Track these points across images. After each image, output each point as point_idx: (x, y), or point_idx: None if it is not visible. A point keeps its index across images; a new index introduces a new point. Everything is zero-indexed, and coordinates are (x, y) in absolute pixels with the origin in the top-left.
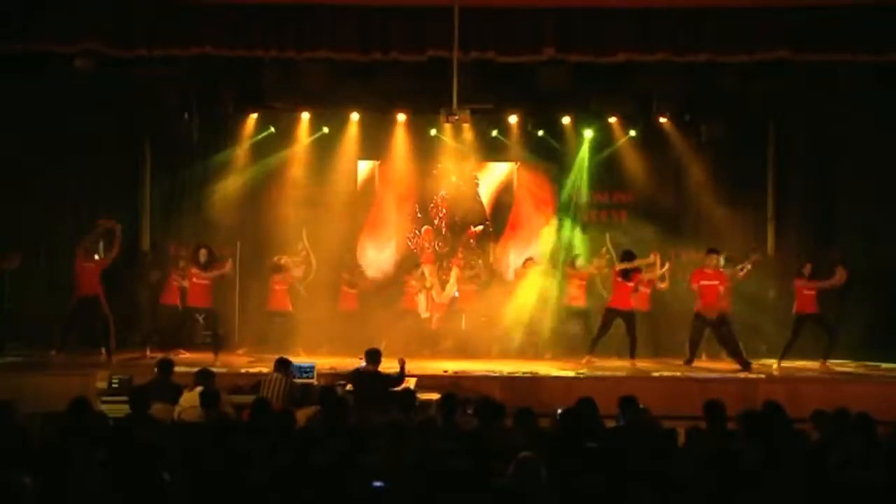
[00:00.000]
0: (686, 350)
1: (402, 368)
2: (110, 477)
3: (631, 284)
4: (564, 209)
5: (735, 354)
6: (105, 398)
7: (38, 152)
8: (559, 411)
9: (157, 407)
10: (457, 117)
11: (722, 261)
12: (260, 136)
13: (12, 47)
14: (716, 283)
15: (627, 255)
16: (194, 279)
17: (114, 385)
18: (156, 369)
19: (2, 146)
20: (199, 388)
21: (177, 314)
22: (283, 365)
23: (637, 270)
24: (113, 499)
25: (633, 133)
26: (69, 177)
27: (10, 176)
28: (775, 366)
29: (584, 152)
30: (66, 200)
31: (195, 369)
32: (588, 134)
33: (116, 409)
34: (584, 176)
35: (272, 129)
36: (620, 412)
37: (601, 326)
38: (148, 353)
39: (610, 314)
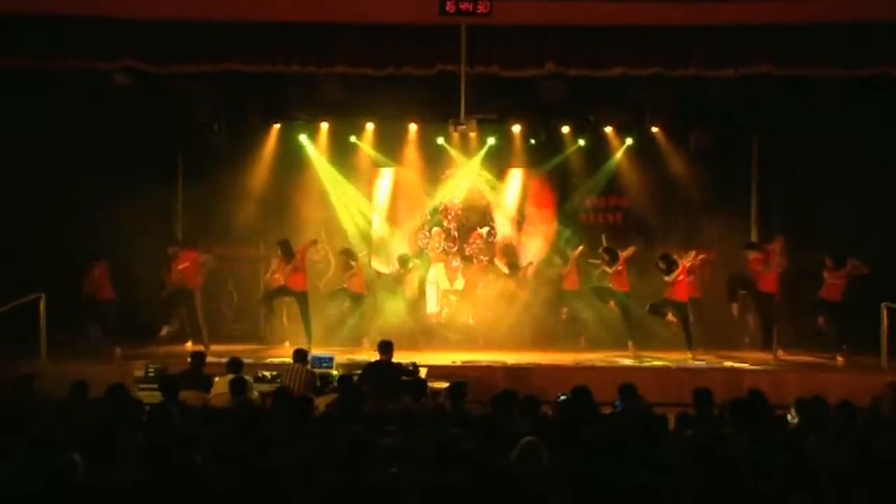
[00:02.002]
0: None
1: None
2: (147, 457)
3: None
4: (564, 212)
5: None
6: (142, 385)
7: (80, 159)
8: (560, 398)
9: (189, 394)
10: (464, 126)
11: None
12: (290, 145)
13: (57, 64)
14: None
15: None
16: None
17: (150, 373)
18: (189, 360)
19: (47, 153)
20: (230, 376)
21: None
22: (300, 356)
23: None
24: (149, 478)
25: (629, 141)
26: (107, 182)
27: (53, 178)
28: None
29: (573, 159)
30: (104, 203)
31: (224, 360)
32: (580, 142)
33: (152, 395)
34: (580, 181)
35: (303, 137)
36: (620, 398)
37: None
38: (190, 343)
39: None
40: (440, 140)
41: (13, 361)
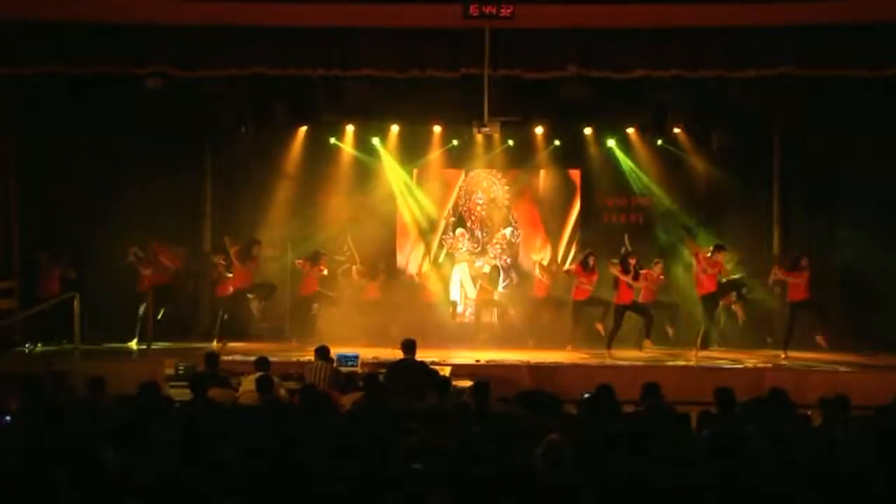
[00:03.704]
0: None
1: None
2: (179, 452)
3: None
4: (586, 212)
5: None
6: (172, 383)
7: (110, 160)
8: (585, 396)
9: (218, 392)
10: (488, 129)
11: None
12: (316, 146)
13: (93, 70)
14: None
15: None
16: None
17: (180, 371)
18: (203, 361)
19: (77, 155)
20: (257, 374)
21: (231, 303)
22: (322, 353)
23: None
24: (181, 471)
25: (659, 142)
26: (137, 182)
27: (83, 179)
28: (783, 355)
29: (596, 160)
30: (133, 203)
31: (252, 358)
32: (610, 143)
33: (183, 393)
34: (603, 181)
35: (333, 140)
36: (643, 397)
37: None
38: (215, 343)
39: (620, 310)
40: (454, 142)
41: (47, 359)
